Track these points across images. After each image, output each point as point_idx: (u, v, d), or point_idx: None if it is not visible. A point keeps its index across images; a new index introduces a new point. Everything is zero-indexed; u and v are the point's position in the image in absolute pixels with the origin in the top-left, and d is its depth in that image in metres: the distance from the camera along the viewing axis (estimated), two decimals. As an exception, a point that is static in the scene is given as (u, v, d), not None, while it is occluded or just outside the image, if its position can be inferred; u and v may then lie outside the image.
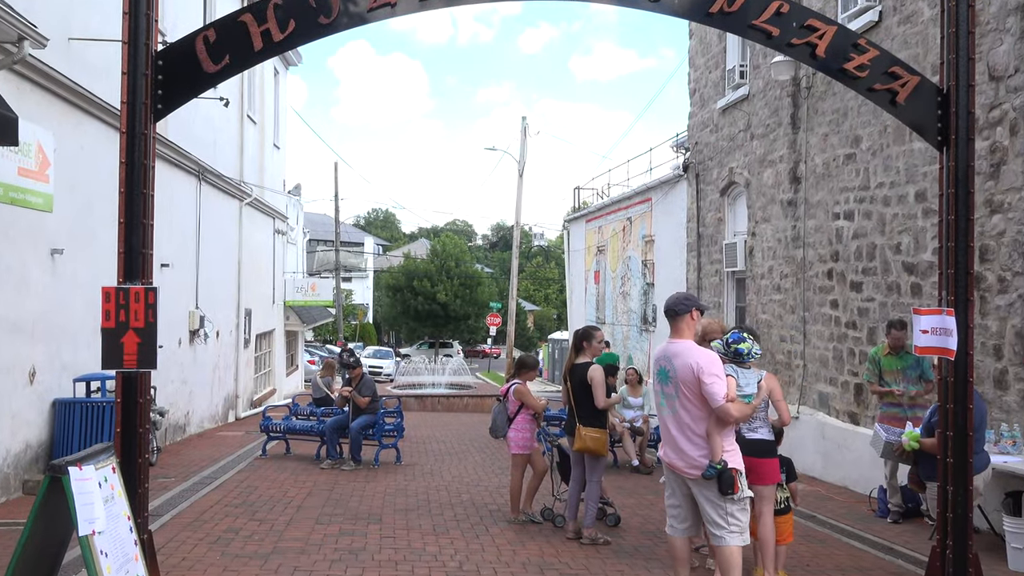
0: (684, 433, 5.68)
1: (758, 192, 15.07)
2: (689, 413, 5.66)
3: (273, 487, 10.95)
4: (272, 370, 26.45)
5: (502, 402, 9.29)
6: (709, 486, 5.59)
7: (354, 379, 13.32)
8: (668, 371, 5.77)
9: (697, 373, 5.56)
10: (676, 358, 5.72)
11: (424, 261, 63.18)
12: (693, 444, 5.64)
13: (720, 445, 5.56)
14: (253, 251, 22.52)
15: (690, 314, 5.83)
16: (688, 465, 5.66)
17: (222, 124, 19.10)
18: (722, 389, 5.53)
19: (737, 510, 5.58)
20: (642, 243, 22.32)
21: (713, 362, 5.62)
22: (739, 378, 5.85)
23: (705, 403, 5.57)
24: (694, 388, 5.59)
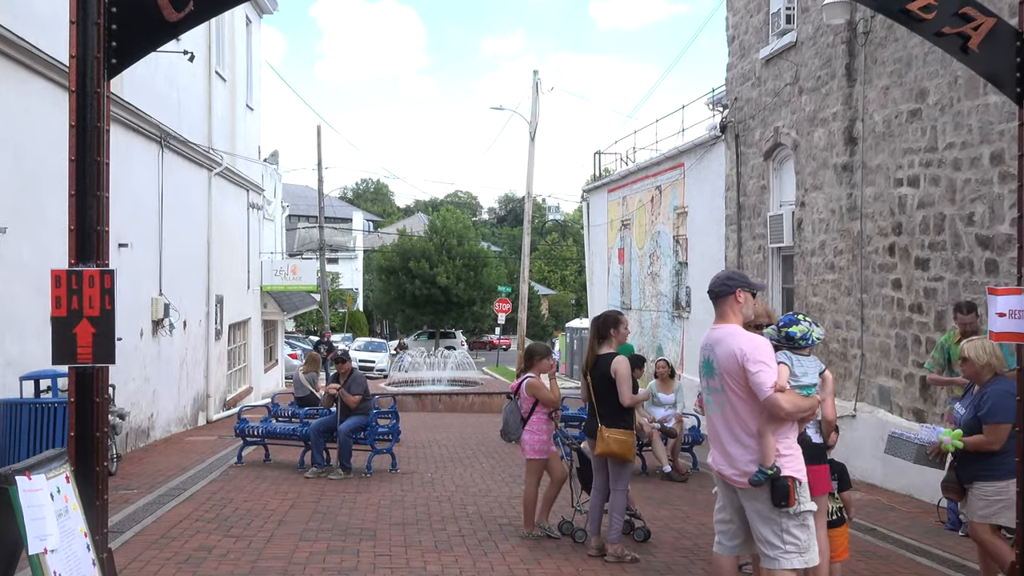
0: (732, 433, 5.61)
1: (808, 155, 14.99)
2: (737, 410, 5.57)
3: (251, 499, 11.00)
4: (248, 365, 26.55)
5: (513, 400, 9.30)
6: (760, 496, 5.48)
7: (342, 375, 13.36)
8: (712, 361, 5.70)
9: (741, 361, 5.47)
10: (719, 345, 5.65)
11: (421, 239, 63.22)
12: (742, 446, 5.55)
13: (772, 446, 5.45)
14: (225, 228, 22.56)
15: (735, 295, 5.74)
16: (736, 471, 5.58)
17: (187, 82, 19.10)
18: (770, 378, 5.41)
19: (794, 526, 5.45)
20: (673, 216, 22.27)
21: (759, 347, 5.51)
22: (794, 366, 5.76)
23: (755, 397, 5.47)
24: (740, 379, 5.51)
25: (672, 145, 22.98)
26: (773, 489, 5.42)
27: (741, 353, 5.49)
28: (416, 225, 77.26)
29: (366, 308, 75.17)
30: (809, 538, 5.50)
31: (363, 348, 47.31)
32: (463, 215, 70.10)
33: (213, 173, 21.02)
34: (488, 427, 19.81)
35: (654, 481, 12.98)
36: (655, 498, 11.59)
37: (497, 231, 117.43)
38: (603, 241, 28.88)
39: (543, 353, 9.31)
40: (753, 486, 5.47)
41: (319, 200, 48.40)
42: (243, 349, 26.17)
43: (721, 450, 5.69)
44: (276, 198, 33.91)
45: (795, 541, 5.45)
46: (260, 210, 27.84)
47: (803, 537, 5.48)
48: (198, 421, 20.00)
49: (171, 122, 17.59)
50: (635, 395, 8.34)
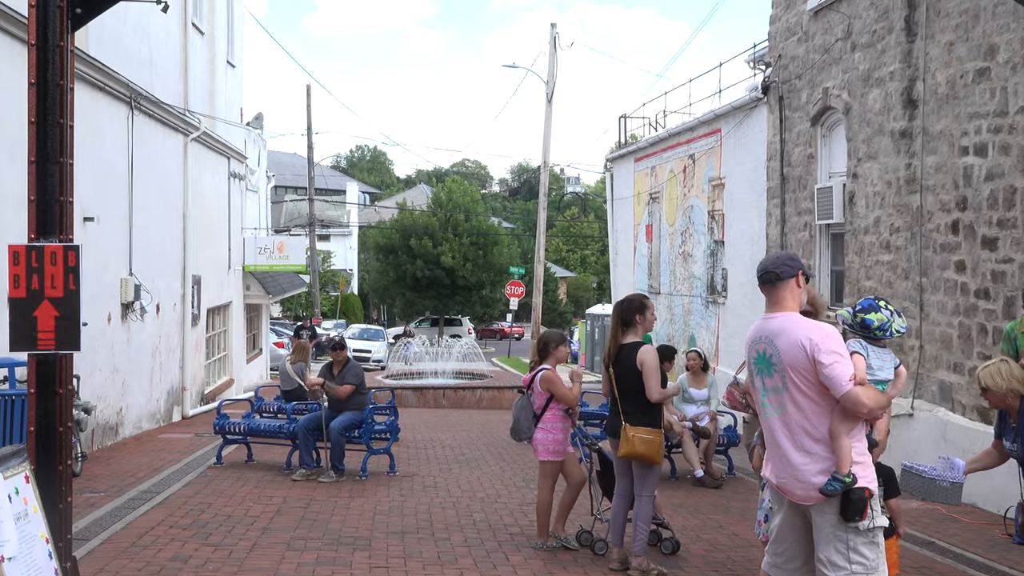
0: (795, 440, 5.47)
1: (861, 120, 14.93)
2: (804, 411, 5.43)
3: (231, 504, 11.07)
4: (229, 355, 26.65)
5: (526, 394, 9.32)
6: (827, 510, 5.36)
7: (337, 364, 13.40)
8: (770, 355, 5.54)
9: (811, 352, 5.32)
10: (779, 337, 5.49)
11: (424, 213, 63.28)
12: (809, 456, 5.43)
13: (848, 450, 5.32)
14: (203, 201, 22.61)
15: (796, 278, 5.62)
16: (802, 487, 5.42)
17: (160, 36, 19.13)
18: (847, 370, 5.28)
19: (863, 543, 5.35)
20: (708, 188, 22.22)
21: (830, 335, 5.38)
22: (871, 358, 5.69)
23: (826, 394, 5.33)
24: (808, 374, 5.36)
25: (707, 108, 22.91)
26: (846, 502, 5.30)
27: (810, 343, 5.34)
28: (418, 198, 77.29)
29: (361, 291, 75.34)
30: (878, 557, 5.39)
31: (358, 336, 47.39)
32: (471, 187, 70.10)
33: (190, 138, 21.05)
34: (497, 425, 19.85)
35: (684, 487, 13.01)
36: (685, 506, 11.61)
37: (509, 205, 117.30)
38: (629, 217, 28.84)
39: (559, 340, 9.33)
40: (826, 496, 5.33)
41: (309, 169, 48.46)
42: (223, 336, 26.27)
43: (781, 462, 5.54)
44: (260, 167, 33.92)
45: (863, 561, 5.35)
46: (243, 180, 27.88)
47: (871, 556, 5.37)
48: (172, 417, 20.10)
49: (142, 81, 17.62)
50: (664, 389, 8.35)
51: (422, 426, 19.81)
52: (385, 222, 67.45)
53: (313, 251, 46.67)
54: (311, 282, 47.91)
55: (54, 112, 5.55)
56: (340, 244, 72.68)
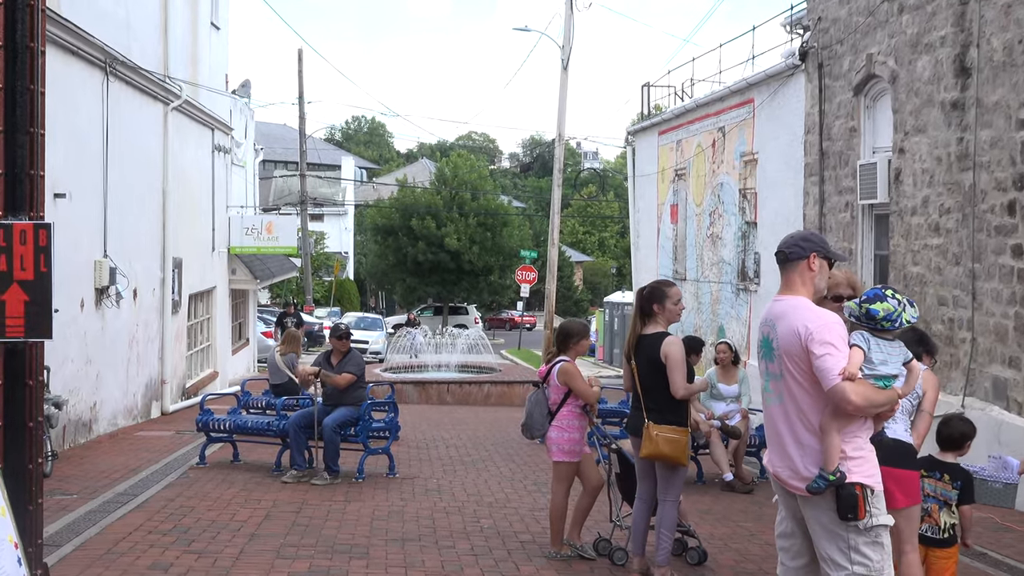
0: (792, 430, 5.62)
1: (909, 90, 14.89)
2: (798, 401, 5.58)
3: (216, 508, 11.10)
4: (213, 345, 26.70)
5: (541, 389, 9.33)
6: (823, 506, 5.50)
7: (336, 354, 13.39)
8: (771, 340, 5.71)
9: (805, 341, 5.46)
10: (780, 321, 5.65)
11: (427, 191, 63.29)
12: (802, 446, 5.58)
13: (836, 447, 5.46)
14: (184, 176, 22.63)
15: (807, 261, 5.73)
16: (794, 475, 5.62)
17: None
18: (838, 363, 5.39)
19: (865, 543, 5.45)
20: (740, 164, 22.17)
21: (827, 326, 5.48)
22: (871, 351, 5.74)
23: (819, 385, 5.47)
24: (803, 363, 5.51)
25: (739, 76, 22.83)
26: (838, 499, 5.43)
27: (805, 331, 5.47)
28: (420, 174, 77.25)
29: (358, 276, 75.42)
30: (883, 559, 5.49)
31: (353, 326, 47.30)
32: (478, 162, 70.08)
33: (170, 107, 21.05)
34: (506, 423, 19.87)
35: (712, 491, 13.02)
36: (713, 512, 11.62)
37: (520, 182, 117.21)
38: (652, 195, 28.79)
39: (580, 332, 9.33)
40: (812, 494, 5.49)
41: (300, 142, 48.46)
42: (207, 325, 26.31)
43: (779, 449, 5.73)
44: (248, 139, 33.96)
45: (865, 561, 5.46)
46: (228, 154, 27.89)
47: (875, 557, 5.47)
48: (151, 412, 20.16)
49: (118, 44, 17.62)
50: (690, 385, 8.35)
51: (424, 424, 19.84)
52: (384, 200, 67.48)
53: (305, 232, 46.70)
54: (302, 266, 47.95)
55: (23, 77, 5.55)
56: (334, 224, 72.73)
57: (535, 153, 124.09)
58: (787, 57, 19.59)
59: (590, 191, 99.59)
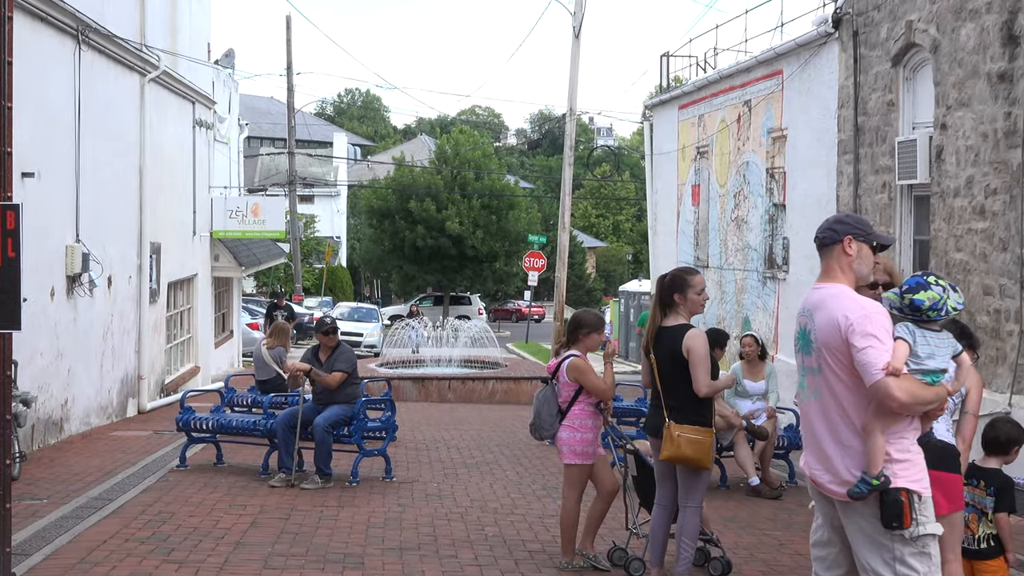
0: (831, 429, 5.61)
1: (952, 60, 14.84)
2: (839, 398, 5.55)
3: (198, 514, 11.11)
4: (194, 338, 26.73)
5: (550, 385, 9.32)
6: (866, 513, 5.47)
7: (325, 350, 13.40)
8: (809, 331, 5.70)
9: (845, 332, 5.44)
10: (818, 311, 5.65)
11: (426, 171, 63.22)
12: (842, 447, 5.55)
13: (880, 448, 5.42)
14: (163, 153, 22.63)
15: (842, 244, 5.73)
16: (833, 479, 5.59)
17: (113, -44, 19.15)
18: (881, 357, 5.36)
19: (911, 554, 5.42)
20: (767, 141, 22.14)
21: (871, 316, 5.47)
22: (917, 344, 5.73)
23: (862, 381, 5.43)
24: (843, 356, 5.48)
25: (766, 46, 22.79)
26: (882, 505, 5.40)
27: (846, 322, 5.46)
28: (419, 152, 77.31)
29: (351, 263, 75.46)
30: (930, 571, 5.47)
31: (347, 317, 47.32)
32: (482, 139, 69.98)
33: (147, 79, 21.04)
34: (513, 423, 19.89)
35: (737, 496, 13.03)
36: (738, 519, 11.63)
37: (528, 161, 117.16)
38: (671, 175, 28.75)
39: (593, 325, 9.29)
40: (853, 499, 5.45)
41: (288, 117, 48.46)
42: (187, 316, 26.34)
43: (816, 451, 5.70)
44: (231, 114, 33.97)
45: (910, 573, 5.43)
46: (210, 129, 27.90)
47: (922, 569, 5.44)
48: (127, 411, 20.19)
49: (91, 10, 17.61)
50: (714, 381, 8.35)
51: (424, 423, 19.86)
52: (380, 180, 67.39)
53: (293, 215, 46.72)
54: (291, 252, 47.97)
55: (-11, 45, 5.55)
56: (326, 206, 72.80)
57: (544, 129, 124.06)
58: (819, 24, 19.51)
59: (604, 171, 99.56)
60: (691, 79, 28.16)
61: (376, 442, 13.83)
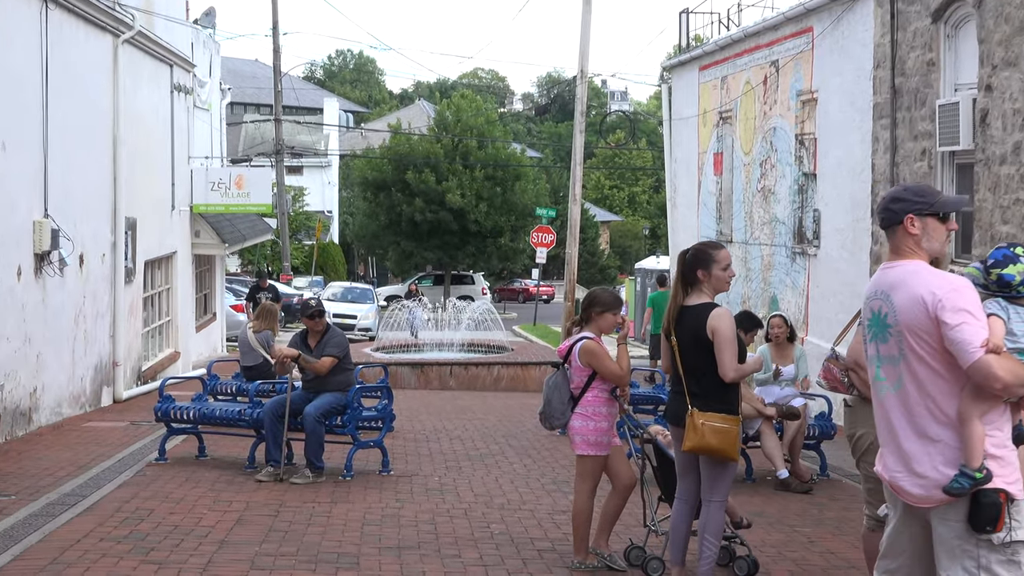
0: (913, 423, 5.44)
1: (997, 15, 14.78)
2: (925, 387, 5.40)
3: (179, 511, 11.10)
4: (173, 321, 26.72)
5: (561, 370, 9.30)
6: (946, 516, 5.31)
7: (313, 335, 13.39)
8: (885, 315, 5.52)
9: (934, 310, 5.27)
10: (897, 291, 5.47)
11: (425, 139, 63.18)
12: (929, 442, 5.35)
13: (980, 437, 5.26)
14: (139, 121, 22.57)
15: (903, 224, 5.58)
16: (921, 483, 5.37)
17: (83, -96, 19.06)
18: (978, 333, 5.20)
19: (998, 562, 5.26)
20: (796, 105, 22.08)
21: (959, 290, 5.31)
22: (1012, 322, 5.63)
23: (954, 364, 5.28)
24: (931, 338, 5.31)
25: (796, 1, 22.70)
26: (975, 505, 5.23)
27: (933, 299, 5.29)
28: (417, 118, 77.16)
29: (343, 240, 75.47)
30: None
31: (339, 298, 47.40)
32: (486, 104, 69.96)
33: (121, 40, 20.95)
34: (520, 411, 19.92)
35: (764, 491, 13.02)
36: (767, 514, 11.62)
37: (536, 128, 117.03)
38: (692, 143, 28.71)
39: (608, 303, 9.25)
40: (951, 496, 5.26)
41: (275, 81, 48.39)
42: (166, 297, 26.32)
43: (896, 450, 5.51)
44: (213, 78, 33.88)
45: None
46: (190, 95, 27.83)
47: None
48: (101, 400, 20.19)
49: (60, -37, 17.58)
50: (741, 365, 8.32)
51: (423, 412, 19.87)
52: (374, 150, 67.43)
53: (281, 187, 46.70)
54: (278, 227, 47.96)
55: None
56: (316, 178, 72.75)
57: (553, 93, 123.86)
58: (853, -23, 19.48)
59: (618, 138, 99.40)
60: (713, 38, 28.09)
61: (372, 433, 13.82)
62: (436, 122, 65.47)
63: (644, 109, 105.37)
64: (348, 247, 75.64)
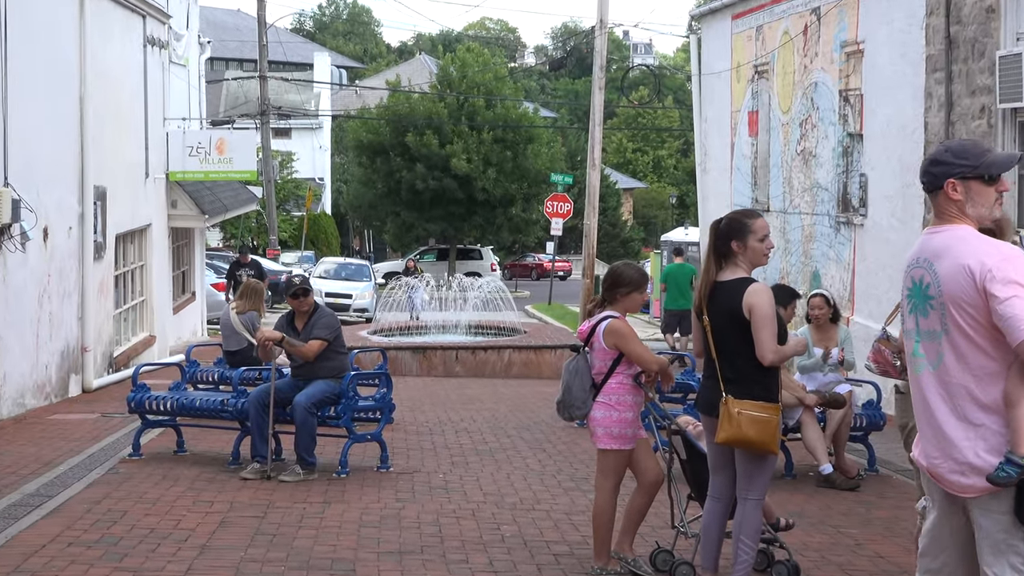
0: (954, 405, 5.45)
1: (1067, -46, 14.71)
2: (968, 365, 5.37)
3: (155, 512, 11.10)
4: (148, 301, 26.73)
5: (582, 354, 9.26)
6: (989, 508, 5.35)
7: (300, 316, 13.38)
8: (927, 285, 5.52)
9: (981, 281, 5.26)
10: (941, 259, 5.47)
11: (427, 97, 63.12)
12: (971, 426, 5.38)
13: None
14: (108, 79, 22.54)
15: (943, 190, 5.57)
16: (961, 471, 5.40)
17: None
18: None
19: None
20: (840, 57, 22.02)
21: (1010, 260, 5.31)
22: None
23: (1001, 341, 5.29)
24: (977, 312, 5.31)
25: (840, -60, 22.65)
26: (1021, 496, 5.27)
27: (982, 269, 5.28)
28: (417, 75, 77.14)
29: (337, 210, 75.51)
30: None
31: (332, 275, 47.43)
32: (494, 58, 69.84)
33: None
34: (535, 401, 19.95)
35: (805, 488, 13.01)
36: (808, 514, 11.61)
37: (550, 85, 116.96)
38: (724, 100, 28.65)
39: (635, 281, 9.17)
40: (995, 485, 5.27)
41: (260, 34, 48.37)
42: (140, 275, 26.33)
43: (935, 433, 5.52)
44: (190, 30, 33.80)
45: None
46: (165, 49, 27.78)
47: None
48: (69, 389, 20.21)
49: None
50: (782, 347, 8.27)
51: (427, 402, 19.90)
52: (371, 110, 67.41)
53: (267, 152, 46.74)
54: (264, 197, 47.98)
55: None
56: (306, 142, 72.74)
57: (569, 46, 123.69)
58: (903, -87, 19.40)
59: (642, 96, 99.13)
60: (747, -17, 28.05)
61: (369, 425, 13.83)
62: (439, 79, 65.41)
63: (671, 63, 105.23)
64: (342, 219, 75.70)
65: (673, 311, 28.60)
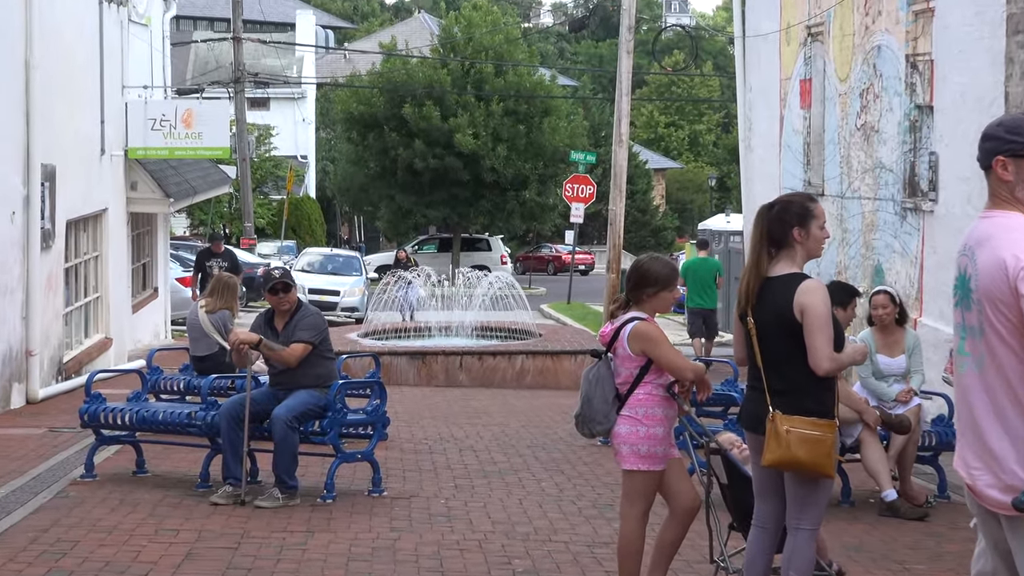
0: (997, 413, 5.48)
1: None
2: (1004, 369, 5.44)
3: (111, 542, 11.13)
4: (103, 298, 26.77)
5: (604, 360, 9.27)
6: None
7: (280, 315, 13.39)
8: (969, 277, 5.60)
9: (1013, 278, 5.33)
10: (981, 249, 5.55)
11: (427, 63, 63.12)
12: (1011, 436, 5.44)
13: None
14: (59, 42, 22.59)
15: (994, 167, 5.65)
16: (996, 482, 5.49)
17: None
18: None
19: None
20: (907, 17, 21.99)
21: None
22: None
23: None
24: (1009, 311, 5.38)
25: None
26: None
27: (1016, 265, 5.34)
28: (416, 37, 77.15)
29: (322, 193, 75.58)
30: None
31: (316, 269, 47.51)
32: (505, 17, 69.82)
33: (36, -63, 21.01)
34: (551, 414, 19.99)
35: (866, 516, 13.02)
36: (867, 547, 11.64)
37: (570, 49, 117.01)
38: (772, 67, 28.65)
39: (664, 279, 9.17)
40: (1018, 511, 5.35)
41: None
42: (94, 267, 26.37)
43: (975, 442, 5.59)
44: (154, -15, 33.92)
45: None
46: (124, 6, 27.82)
47: None
48: (11, 400, 20.25)
49: None
50: (839, 354, 8.27)
51: (426, 416, 19.95)
52: (362, 77, 67.41)
53: (242, 125, 46.78)
54: (238, 177, 48.03)
55: None
56: (287, 113, 72.89)
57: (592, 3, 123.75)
58: None
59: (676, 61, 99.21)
60: (799, -69, 28.06)
61: (359, 442, 13.85)
62: (441, 41, 65.55)
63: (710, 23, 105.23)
64: (328, 203, 75.84)
65: (695, 310, 28.77)
